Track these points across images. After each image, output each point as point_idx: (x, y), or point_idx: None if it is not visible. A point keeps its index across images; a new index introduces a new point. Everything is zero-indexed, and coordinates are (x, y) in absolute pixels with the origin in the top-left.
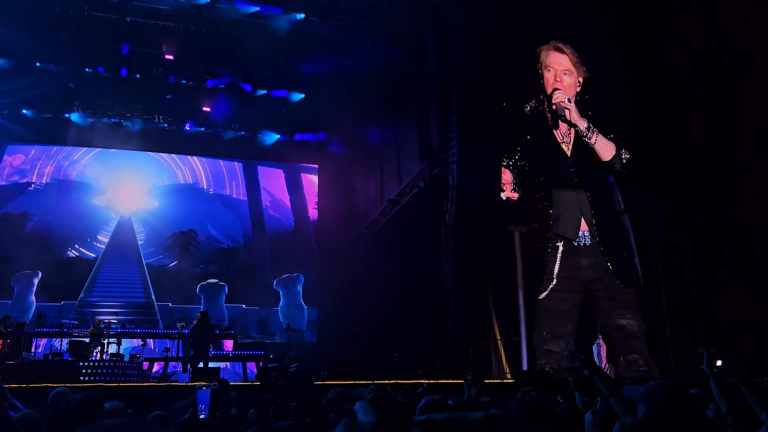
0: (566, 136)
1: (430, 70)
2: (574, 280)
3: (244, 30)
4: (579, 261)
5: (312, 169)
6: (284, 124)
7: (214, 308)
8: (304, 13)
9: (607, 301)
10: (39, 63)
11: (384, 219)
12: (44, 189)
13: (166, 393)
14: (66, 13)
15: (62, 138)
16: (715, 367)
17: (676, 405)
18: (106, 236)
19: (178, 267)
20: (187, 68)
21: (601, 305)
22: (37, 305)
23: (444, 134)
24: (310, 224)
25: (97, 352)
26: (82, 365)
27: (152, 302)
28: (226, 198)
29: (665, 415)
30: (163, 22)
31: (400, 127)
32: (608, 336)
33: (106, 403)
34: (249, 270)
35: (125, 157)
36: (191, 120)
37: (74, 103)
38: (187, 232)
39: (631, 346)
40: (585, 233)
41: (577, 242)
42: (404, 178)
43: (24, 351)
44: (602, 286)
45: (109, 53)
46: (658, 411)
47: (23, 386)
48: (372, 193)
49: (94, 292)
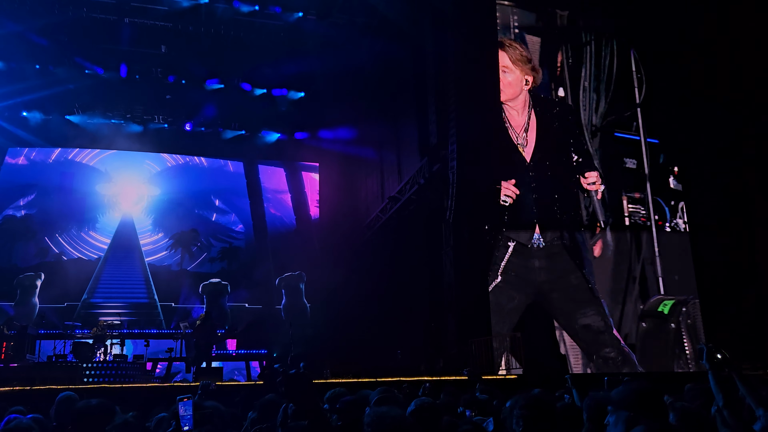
0: (522, 138)
1: (428, 67)
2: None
3: (242, 29)
4: (532, 262)
5: (313, 167)
6: (284, 123)
7: (217, 308)
8: (302, 11)
9: (564, 301)
10: (39, 65)
11: (385, 216)
12: (46, 191)
13: (170, 393)
14: (65, 15)
15: (63, 140)
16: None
17: (648, 405)
18: (108, 237)
19: (180, 267)
20: (186, 68)
21: (559, 307)
22: (41, 307)
23: (443, 131)
24: (311, 222)
25: (100, 354)
26: (85, 367)
27: (155, 302)
28: (228, 197)
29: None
30: (161, 22)
31: (400, 124)
32: (576, 337)
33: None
34: (251, 269)
35: (126, 157)
36: (191, 120)
37: (74, 105)
38: (189, 232)
39: (601, 342)
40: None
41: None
42: (404, 176)
43: (27, 353)
44: (557, 287)
45: (109, 54)
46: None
47: (27, 389)
48: (372, 190)
49: (96, 293)
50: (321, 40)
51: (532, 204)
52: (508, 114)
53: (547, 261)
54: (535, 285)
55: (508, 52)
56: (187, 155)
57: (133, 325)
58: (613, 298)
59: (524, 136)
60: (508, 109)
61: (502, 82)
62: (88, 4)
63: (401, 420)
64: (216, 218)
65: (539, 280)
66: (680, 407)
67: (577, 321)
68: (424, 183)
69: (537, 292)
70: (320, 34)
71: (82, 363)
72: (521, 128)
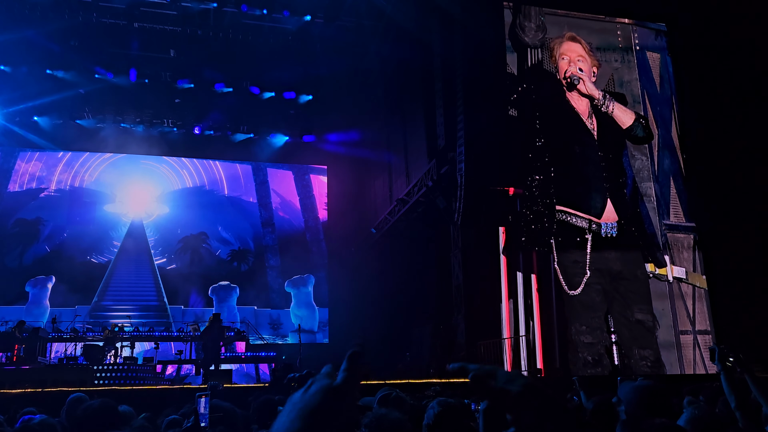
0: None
1: (435, 68)
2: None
3: (251, 33)
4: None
5: (321, 170)
6: (292, 126)
7: (226, 310)
8: (310, 15)
9: (627, 292)
10: (49, 70)
11: (393, 218)
12: (57, 194)
13: (180, 395)
14: (75, 20)
15: (73, 144)
16: (727, 363)
17: (654, 405)
18: (118, 240)
19: (189, 270)
20: (195, 72)
21: (622, 298)
22: (52, 310)
23: (451, 133)
24: (319, 225)
25: (111, 356)
26: (96, 369)
27: (165, 305)
28: (236, 200)
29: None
30: (170, 27)
31: (408, 127)
32: (625, 330)
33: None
34: (260, 271)
35: (135, 161)
36: (200, 123)
37: (84, 109)
38: (198, 235)
39: (647, 340)
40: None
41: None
42: (412, 178)
43: (39, 356)
44: (625, 277)
45: (118, 59)
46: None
47: (39, 391)
48: (381, 192)
49: (107, 296)
50: (328, 43)
51: (605, 191)
52: (572, 98)
53: (620, 251)
54: (611, 274)
55: (581, 44)
56: (196, 159)
57: (143, 327)
58: None
59: (591, 122)
60: (572, 94)
61: (561, 67)
62: (98, 9)
63: (400, 424)
64: (225, 221)
65: (615, 269)
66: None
67: (633, 314)
68: (432, 185)
69: (609, 282)
70: (328, 37)
71: (93, 365)
72: (586, 115)
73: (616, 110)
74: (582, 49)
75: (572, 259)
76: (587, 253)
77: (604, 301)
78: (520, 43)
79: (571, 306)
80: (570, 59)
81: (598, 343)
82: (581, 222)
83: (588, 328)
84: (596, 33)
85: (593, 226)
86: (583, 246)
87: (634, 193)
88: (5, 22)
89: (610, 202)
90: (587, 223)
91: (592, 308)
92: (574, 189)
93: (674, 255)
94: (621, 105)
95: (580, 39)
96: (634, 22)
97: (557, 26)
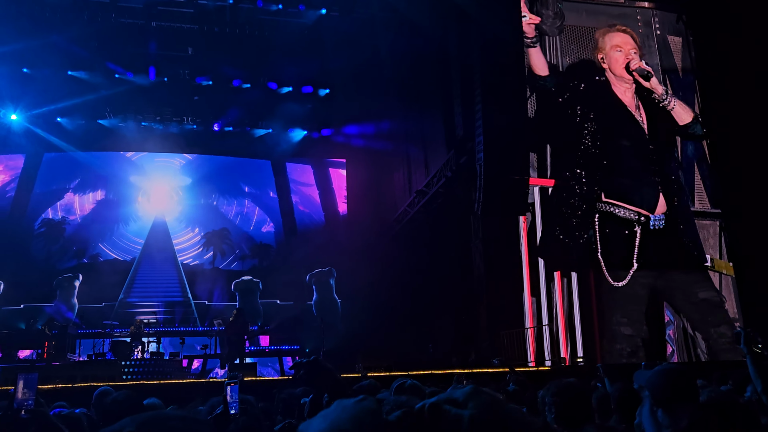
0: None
1: (452, 58)
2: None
3: (267, 28)
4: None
5: (340, 164)
6: (311, 120)
7: (250, 304)
8: (326, 8)
9: (684, 275)
10: (71, 71)
11: (413, 210)
12: (81, 194)
13: (205, 389)
14: (94, 21)
15: (96, 144)
16: (755, 347)
17: (680, 390)
18: (141, 238)
19: (212, 265)
20: (213, 69)
21: (679, 282)
22: (79, 307)
23: (469, 123)
24: (339, 218)
25: (138, 351)
26: (124, 364)
27: (189, 301)
28: (257, 195)
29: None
30: (188, 25)
31: (425, 118)
32: (694, 311)
33: (145, 399)
34: (282, 266)
35: (157, 159)
36: (219, 120)
37: (106, 109)
38: (220, 231)
39: (719, 317)
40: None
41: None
42: (431, 169)
43: (68, 352)
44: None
45: (137, 58)
46: (662, 397)
47: (69, 386)
48: (400, 184)
49: (133, 292)
50: (344, 36)
51: (657, 184)
52: (618, 90)
53: (670, 243)
54: (662, 266)
55: (632, 35)
56: (216, 155)
57: (168, 323)
58: None
59: (639, 114)
60: (618, 85)
61: (617, 59)
62: (116, 9)
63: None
64: (246, 216)
65: (666, 261)
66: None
67: (697, 294)
68: (451, 176)
69: (658, 274)
70: (344, 30)
71: (121, 360)
72: (633, 106)
73: (677, 107)
74: (633, 41)
75: (618, 251)
76: (635, 245)
77: (647, 295)
78: (540, 31)
79: (612, 297)
80: (625, 51)
81: (636, 335)
82: (629, 214)
83: (629, 320)
84: (616, 18)
85: (641, 218)
86: (631, 238)
87: (681, 185)
88: (27, 26)
89: (661, 195)
90: (636, 215)
91: (635, 301)
92: (623, 181)
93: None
94: (681, 102)
95: (630, 30)
96: (655, 5)
97: (575, 13)
